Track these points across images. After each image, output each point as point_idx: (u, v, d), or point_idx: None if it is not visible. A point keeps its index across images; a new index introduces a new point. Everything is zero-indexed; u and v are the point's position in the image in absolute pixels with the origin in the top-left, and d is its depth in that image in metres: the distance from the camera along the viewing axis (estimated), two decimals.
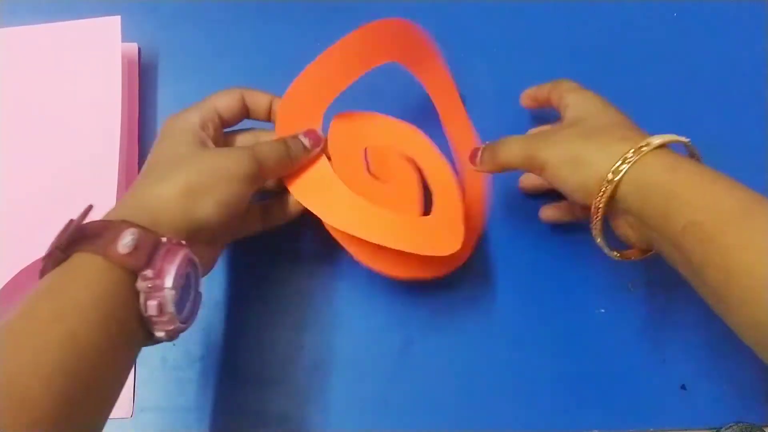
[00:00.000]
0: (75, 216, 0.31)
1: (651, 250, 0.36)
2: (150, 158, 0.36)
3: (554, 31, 0.50)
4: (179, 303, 0.30)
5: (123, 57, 0.46)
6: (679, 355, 0.43)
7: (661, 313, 0.43)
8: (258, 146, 0.37)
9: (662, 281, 0.44)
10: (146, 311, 0.29)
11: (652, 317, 0.43)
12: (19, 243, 0.42)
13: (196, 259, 0.32)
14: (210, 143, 0.37)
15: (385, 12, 0.51)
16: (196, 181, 0.33)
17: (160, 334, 0.30)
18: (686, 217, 0.30)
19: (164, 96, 0.48)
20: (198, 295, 0.32)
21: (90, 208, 0.31)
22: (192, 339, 0.43)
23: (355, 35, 0.41)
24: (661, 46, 0.50)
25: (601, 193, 0.33)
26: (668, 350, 0.43)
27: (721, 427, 0.40)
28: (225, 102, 0.38)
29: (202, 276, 0.34)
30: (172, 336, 0.30)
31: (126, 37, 0.46)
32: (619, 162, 0.32)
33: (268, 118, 0.40)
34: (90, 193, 0.43)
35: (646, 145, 0.32)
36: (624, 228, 0.36)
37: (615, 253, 0.37)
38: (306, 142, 0.38)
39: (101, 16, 0.46)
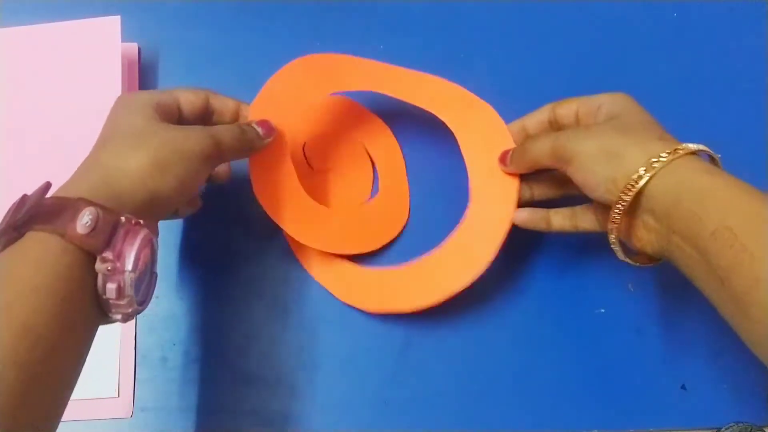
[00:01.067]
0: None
1: (658, 259, 0.35)
2: (105, 131, 0.35)
3: (554, 31, 0.50)
4: (137, 285, 0.29)
5: (123, 57, 0.46)
6: (679, 355, 0.43)
7: (661, 313, 0.43)
8: (215, 127, 0.36)
9: (662, 281, 0.44)
10: (105, 293, 0.28)
11: (652, 317, 0.43)
12: None
13: (155, 240, 0.31)
14: (163, 120, 0.35)
15: (385, 12, 0.51)
16: (161, 156, 0.32)
17: (116, 317, 0.29)
18: (719, 221, 0.29)
19: None
20: (154, 276, 0.32)
21: (48, 185, 0.30)
22: (192, 339, 0.43)
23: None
24: (661, 46, 0.50)
25: (630, 186, 0.32)
26: (668, 350, 0.43)
27: (721, 427, 0.40)
28: (188, 95, 0.38)
29: None
30: (127, 319, 0.29)
31: (126, 37, 0.46)
32: (654, 159, 0.32)
33: (235, 122, 0.40)
34: None
35: (682, 148, 0.32)
36: (638, 229, 0.34)
37: (622, 254, 0.36)
38: (259, 130, 0.39)
39: (101, 16, 0.46)
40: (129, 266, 0.28)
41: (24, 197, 0.29)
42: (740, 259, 0.28)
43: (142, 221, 0.30)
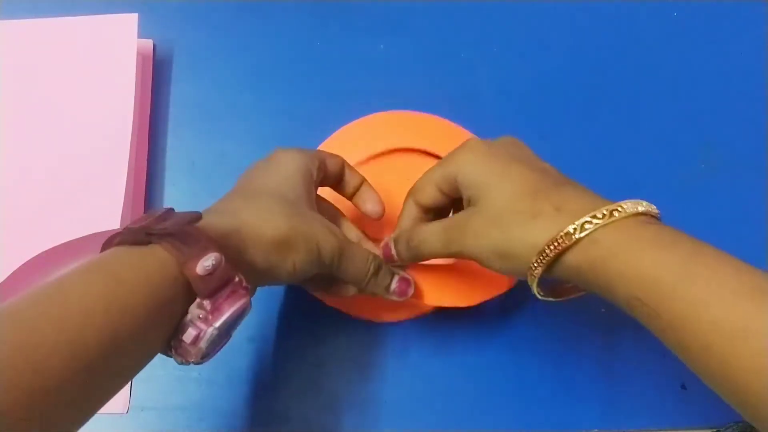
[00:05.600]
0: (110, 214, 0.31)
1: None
2: (253, 179, 0.35)
3: (554, 31, 0.50)
4: (212, 342, 0.29)
5: (138, 53, 0.46)
6: None
7: None
8: (350, 243, 0.35)
9: None
10: (182, 334, 0.28)
11: None
12: (30, 233, 0.43)
13: (250, 310, 0.31)
14: (312, 198, 0.36)
15: (385, 12, 0.51)
16: (292, 236, 0.32)
17: (177, 358, 0.29)
18: (626, 293, 0.28)
19: (177, 92, 0.49)
20: (228, 338, 0.31)
21: (199, 217, 0.30)
22: None
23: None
24: (661, 46, 0.50)
25: (530, 280, 0.31)
26: (668, 350, 0.42)
27: (721, 427, 0.40)
28: (332, 160, 0.38)
29: None
30: (183, 363, 0.29)
31: (142, 33, 0.47)
32: (540, 257, 0.30)
33: (351, 198, 0.40)
34: (100, 184, 0.44)
35: (564, 235, 0.29)
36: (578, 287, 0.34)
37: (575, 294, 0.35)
38: (394, 287, 0.37)
39: (119, 11, 0.47)
40: (218, 323, 0.28)
41: (170, 211, 0.29)
42: (662, 329, 0.28)
43: (248, 286, 0.30)
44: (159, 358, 0.42)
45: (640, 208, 0.29)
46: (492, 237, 0.32)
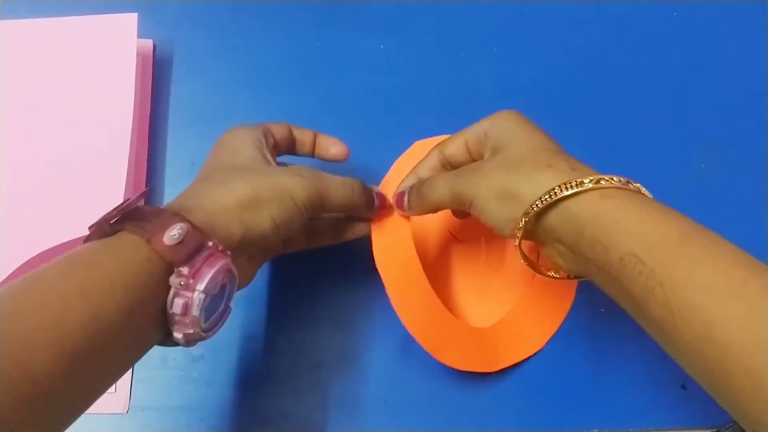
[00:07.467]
0: (92, 206, 0.30)
1: (582, 277, 0.34)
2: (209, 163, 0.36)
3: (554, 31, 0.50)
4: (206, 309, 0.29)
5: (138, 53, 0.46)
6: None
7: None
8: (325, 178, 0.36)
9: None
10: (171, 308, 0.28)
11: None
12: (30, 233, 0.43)
13: (236, 272, 0.31)
14: (269, 158, 0.36)
15: (385, 12, 0.51)
16: (257, 193, 0.33)
17: (178, 335, 0.29)
18: (623, 248, 0.29)
19: (177, 92, 0.49)
20: (227, 309, 0.32)
21: (147, 191, 0.31)
22: None
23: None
24: (661, 46, 0.50)
25: (519, 228, 0.32)
26: None
27: (721, 427, 0.40)
28: (277, 127, 0.39)
29: (237, 290, 0.33)
30: (189, 341, 0.29)
31: (142, 33, 0.47)
32: (547, 195, 0.31)
33: (312, 152, 0.41)
34: (100, 184, 0.44)
35: (578, 183, 0.30)
36: (555, 257, 0.34)
37: (551, 273, 0.35)
38: (377, 201, 0.39)
39: (119, 11, 0.47)
40: (201, 286, 0.28)
41: (126, 200, 0.30)
42: (651, 287, 0.28)
43: (229, 252, 0.30)
44: (158, 359, 0.42)
45: (648, 194, 0.32)
46: (501, 176, 0.33)
